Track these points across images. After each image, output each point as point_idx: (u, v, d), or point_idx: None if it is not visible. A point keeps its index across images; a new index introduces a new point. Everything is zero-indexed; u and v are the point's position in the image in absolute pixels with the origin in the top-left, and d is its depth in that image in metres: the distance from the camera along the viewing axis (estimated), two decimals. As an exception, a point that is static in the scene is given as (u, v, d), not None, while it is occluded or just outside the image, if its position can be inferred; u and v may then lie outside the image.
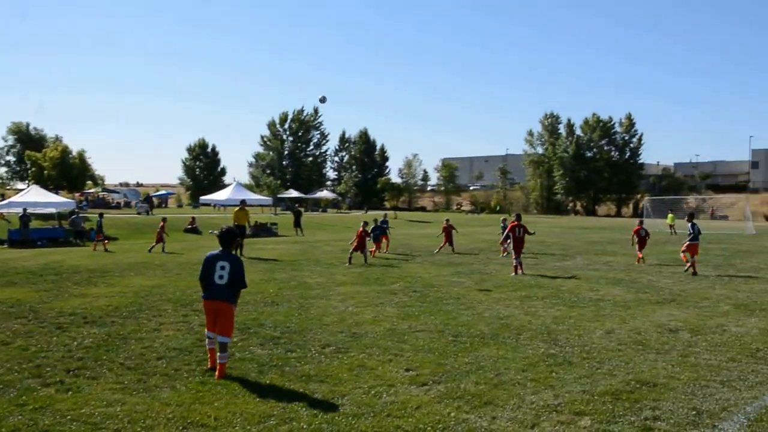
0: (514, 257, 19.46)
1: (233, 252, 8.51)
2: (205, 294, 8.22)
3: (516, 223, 19.97)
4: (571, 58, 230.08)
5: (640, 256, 22.73)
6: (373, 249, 24.20)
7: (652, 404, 6.88)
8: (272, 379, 7.75)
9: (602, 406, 6.82)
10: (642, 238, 23.31)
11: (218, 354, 7.98)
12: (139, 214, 57.19)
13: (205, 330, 8.33)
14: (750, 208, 54.00)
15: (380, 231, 25.50)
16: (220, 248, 8.30)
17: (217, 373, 7.88)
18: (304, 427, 6.18)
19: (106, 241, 29.10)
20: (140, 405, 6.74)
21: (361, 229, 22.13)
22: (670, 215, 44.51)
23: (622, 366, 8.47)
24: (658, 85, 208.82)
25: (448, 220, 28.27)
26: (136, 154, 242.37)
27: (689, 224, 20.75)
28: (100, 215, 30.46)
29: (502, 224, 26.27)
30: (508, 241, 21.34)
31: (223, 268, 8.07)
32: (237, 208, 25.70)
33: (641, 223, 23.58)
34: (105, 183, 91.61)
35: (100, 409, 6.62)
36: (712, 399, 7.08)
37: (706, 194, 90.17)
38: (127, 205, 77.32)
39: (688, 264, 19.87)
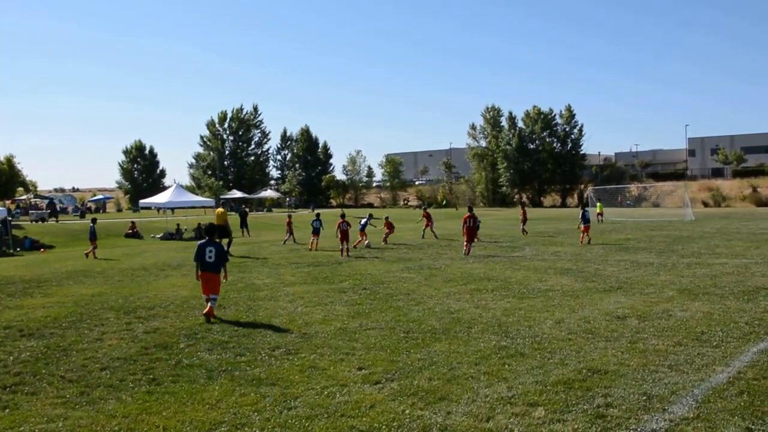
0: (465, 242, 23.06)
1: (217, 241, 12.42)
2: (201, 269, 11.90)
3: (469, 215, 23.64)
4: (509, 55, 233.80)
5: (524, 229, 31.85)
6: (359, 240, 27.50)
7: (603, 391, 6.93)
8: (222, 384, 7.55)
9: (555, 395, 6.84)
10: (525, 218, 32.45)
11: (210, 304, 11.65)
12: (34, 222, 50.62)
13: (202, 294, 12.05)
14: (688, 194, 55.48)
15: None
16: (207, 238, 12.20)
17: (207, 310, 11.55)
18: (257, 432, 6.02)
19: (95, 248, 27.21)
20: (84, 419, 6.47)
21: (340, 220, 23.80)
22: (598, 204, 46.64)
23: (573, 355, 8.53)
24: (593, 78, 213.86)
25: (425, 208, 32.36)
26: (70, 159, 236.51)
27: (582, 211, 27.17)
28: (93, 220, 28.91)
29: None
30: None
31: (210, 251, 11.96)
32: (220, 210, 27.63)
33: (524, 206, 27.24)
34: (37, 189, 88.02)
35: (41, 426, 6.33)
36: (661, 383, 7.18)
37: (646, 182, 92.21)
38: (63, 211, 74.73)
39: (583, 239, 26.12)
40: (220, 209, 27.98)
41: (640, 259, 20.16)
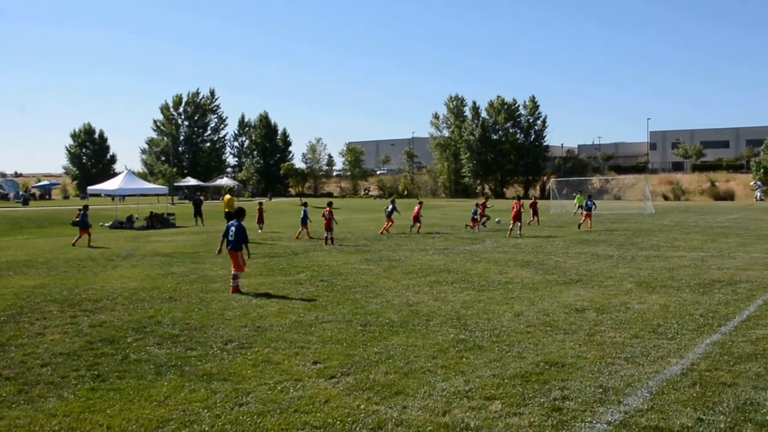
0: (512, 224, 27.01)
1: (241, 222, 13.78)
2: (227, 246, 13.52)
3: (519, 203, 27.36)
4: (475, 40, 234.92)
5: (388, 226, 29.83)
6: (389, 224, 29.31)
7: (560, 384, 6.97)
8: (171, 380, 7.32)
9: (512, 389, 6.84)
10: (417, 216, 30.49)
11: (231, 281, 13.32)
12: None
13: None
14: (649, 188, 56.56)
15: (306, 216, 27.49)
16: (235, 220, 13.75)
17: (231, 290, 13.15)
18: (206, 429, 5.86)
19: (89, 236, 25.40)
20: (21, 419, 6.16)
21: (327, 209, 24.66)
22: (578, 196, 46.58)
23: (531, 348, 8.54)
24: (559, 64, 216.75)
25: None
26: (13, 142, 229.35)
27: (587, 201, 32.16)
28: (85, 207, 27.14)
29: (474, 208, 31.34)
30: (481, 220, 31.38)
31: (232, 231, 13.48)
32: (228, 196, 29.13)
33: (420, 204, 31.29)
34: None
35: (-28, 427, 6.01)
36: (617, 376, 7.26)
37: (608, 175, 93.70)
38: (4, 197, 72.57)
39: (582, 224, 30.60)
40: (228, 195, 29.26)
41: (600, 251, 20.44)
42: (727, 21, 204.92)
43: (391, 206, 30.58)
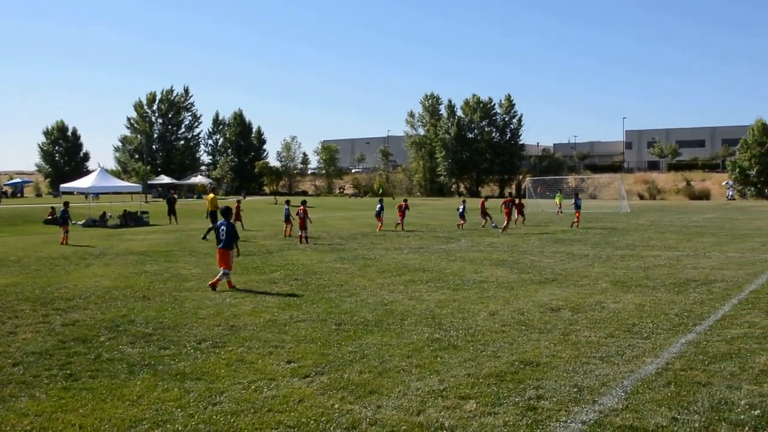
0: (506, 222, 29.14)
1: (230, 221, 14.12)
2: (217, 245, 13.75)
3: (509, 200, 30.43)
4: (451, 37, 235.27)
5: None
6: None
7: (535, 384, 6.96)
8: (144, 379, 7.24)
9: (487, 388, 6.83)
10: (403, 211, 31.23)
11: (218, 276, 13.51)
12: None
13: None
14: (624, 187, 56.93)
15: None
16: (224, 219, 13.91)
17: (212, 281, 13.43)
18: (180, 428, 5.80)
19: (66, 233, 25.08)
20: (-9, 419, 6.07)
21: (301, 207, 24.06)
22: (558, 195, 46.53)
23: (506, 347, 8.53)
24: (535, 63, 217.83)
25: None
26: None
27: (576, 200, 32.64)
28: (66, 204, 26.84)
29: (463, 205, 31.89)
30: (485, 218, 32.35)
31: (222, 230, 13.70)
32: (211, 195, 28.93)
33: (405, 200, 32.30)
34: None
35: (-60, 429, 5.89)
36: (592, 375, 7.26)
37: (584, 174, 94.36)
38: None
39: (574, 223, 31.19)
40: (212, 194, 29.04)
41: (575, 250, 20.54)
42: (704, 20, 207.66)
43: (378, 206, 31.16)
